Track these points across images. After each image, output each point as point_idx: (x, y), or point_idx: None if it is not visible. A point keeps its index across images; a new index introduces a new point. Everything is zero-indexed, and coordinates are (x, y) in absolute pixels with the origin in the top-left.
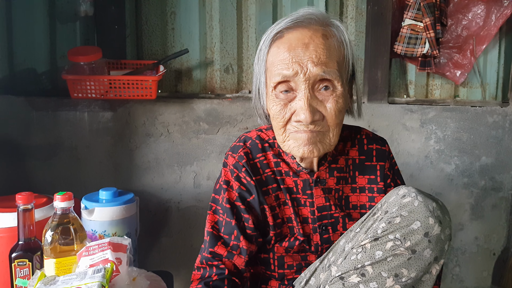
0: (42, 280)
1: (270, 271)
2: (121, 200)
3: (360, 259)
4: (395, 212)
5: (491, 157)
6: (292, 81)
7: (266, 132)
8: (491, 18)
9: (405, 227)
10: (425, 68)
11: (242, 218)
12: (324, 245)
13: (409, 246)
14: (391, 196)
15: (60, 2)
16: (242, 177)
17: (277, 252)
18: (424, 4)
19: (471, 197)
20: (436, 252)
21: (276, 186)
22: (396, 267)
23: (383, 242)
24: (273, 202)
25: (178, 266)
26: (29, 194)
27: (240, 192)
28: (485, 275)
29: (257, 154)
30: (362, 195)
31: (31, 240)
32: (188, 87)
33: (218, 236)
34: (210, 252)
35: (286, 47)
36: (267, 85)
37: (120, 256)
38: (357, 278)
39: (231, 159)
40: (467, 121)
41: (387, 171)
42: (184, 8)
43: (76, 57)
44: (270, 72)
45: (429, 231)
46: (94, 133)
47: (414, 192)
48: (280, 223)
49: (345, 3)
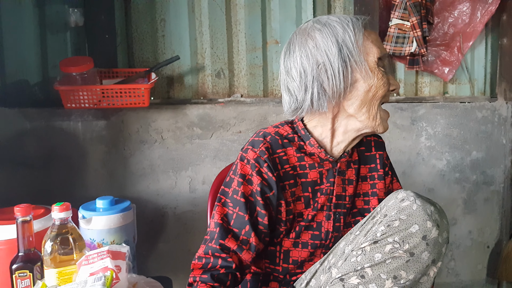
0: None
1: (274, 265)
2: (118, 208)
3: (360, 261)
4: (394, 216)
5: (482, 152)
6: (384, 58)
7: (283, 128)
8: (477, 15)
9: (403, 230)
10: (414, 67)
11: (256, 213)
12: (334, 233)
13: (408, 249)
14: (390, 199)
15: (50, 12)
16: (264, 172)
17: (284, 246)
18: (410, 4)
19: (463, 192)
20: (434, 255)
21: (293, 182)
22: (395, 269)
23: (382, 245)
24: (289, 197)
25: (176, 270)
26: (27, 206)
27: (262, 187)
28: (480, 268)
29: (277, 150)
30: (364, 183)
31: (30, 251)
32: (180, 93)
33: (228, 228)
34: (220, 244)
35: (374, 35)
36: (368, 62)
37: (120, 264)
38: (356, 279)
39: (252, 153)
40: (457, 117)
41: (385, 160)
42: (173, 15)
43: (68, 67)
44: (370, 50)
45: (427, 234)
46: (88, 142)
47: (413, 196)
48: (292, 219)
49: (332, 5)
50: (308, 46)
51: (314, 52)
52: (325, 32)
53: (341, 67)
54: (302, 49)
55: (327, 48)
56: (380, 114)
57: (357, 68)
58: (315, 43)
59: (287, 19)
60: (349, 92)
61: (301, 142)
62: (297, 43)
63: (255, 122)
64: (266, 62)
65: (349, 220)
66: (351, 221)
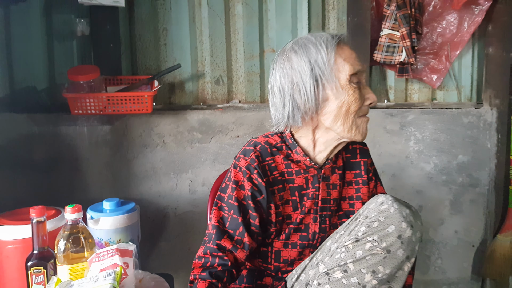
0: (59, 285)
1: (267, 263)
2: (124, 210)
3: (343, 258)
4: (373, 217)
5: (468, 156)
6: (359, 74)
7: (272, 138)
8: (464, 25)
9: (381, 230)
10: (403, 74)
11: (249, 215)
12: (320, 234)
13: (385, 247)
14: (371, 203)
15: (57, 22)
16: (254, 178)
17: (275, 247)
18: (400, 15)
19: (450, 193)
20: (408, 252)
21: (281, 187)
22: (374, 264)
23: (363, 243)
24: (278, 201)
25: (177, 268)
26: (41, 208)
27: (252, 192)
28: (466, 266)
29: (266, 158)
30: (349, 187)
31: (44, 249)
32: (181, 99)
33: (224, 230)
34: (216, 244)
35: (348, 51)
36: (339, 79)
37: (127, 261)
38: (340, 273)
39: (243, 161)
40: (444, 122)
41: (369, 167)
42: (175, 24)
43: (76, 76)
44: (342, 68)
45: (402, 234)
46: (93, 146)
47: (391, 200)
48: (281, 220)
49: (326, 15)
50: (286, 67)
51: (290, 72)
52: (300, 53)
53: (313, 86)
54: (281, 69)
55: (301, 69)
56: (357, 124)
57: (328, 85)
58: (291, 64)
59: (283, 29)
60: (323, 108)
61: (289, 150)
62: (277, 63)
63: (253, 127)
64: (263, 69)
65: (335, 221)
66: (337, 223)
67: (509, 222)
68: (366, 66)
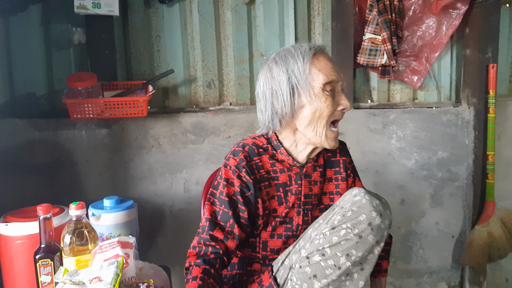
0: (67, 273)
1: (255, 253)
2: (123, 207)
3: (321, 243)
4: (348, 208)
5: (447, 152)
6: (334, 83)
7: (259, 139)
8: (442, 28)
9: (354, 219)
10: (385, 76)
11: (238, 209)
12: (303, 225)
13: (357, 233)
14: (346, 195)
15: (55, 31)
16: (243, 176)
17: (262, 238)
18: (381, 20)
19: (431, 188)
20: (378, 237)
21: (267, 184)
22: (348, 248)
23: (338, 230)
24: (264, 196)
25: (174, 262)
26: (48, 205)
27: (241, 188)
28: (446, 255)
29: (254, 157)
30: (330, 183)
31: (51, 243)
32: (175, 102)
33: (216, 222)
34: (209, 234)
35: (324, 62)
36: (313, 88)
37: (128, 252)
38: (319, 257)
39: (233, 161)
40: (425, 121)
41: (348, 164)
42: (167, 32)
43: (75, 83)
44: (316, 77)
45: (372, 222)
46: (92, 149)
47: (363, 193)
48: (268, 214)
49: (312, 21)
50: (267, 76)
51: (270, 81)
52: (280, 64)
53: (289, 93)
54: (264, 77)
55: (279, 78)
56: (327, 133)
57: (303, 93)
58: (271, 74)
59: (271, 34)
60: (299, 113)
61: (274, 151)
62: (261, 73)
63: (243, 128)
64: (252, 73)
65: (317, 214)
66: (318, 215)
67: (486, 214)
68: (342, 75)
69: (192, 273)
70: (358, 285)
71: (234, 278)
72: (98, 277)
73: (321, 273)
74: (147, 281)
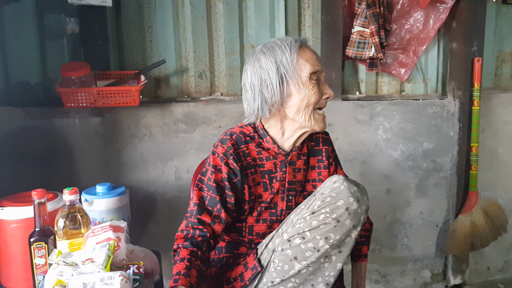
0: (61, 255)
1: (242, 237)
2: (115, 193)
3: (302, 227)
4: (327, 194)
5: (432, 143)
6: (318, 73)
7: (246, 128)
8: (430, 22)
9: (333, 204)
10: (373, 69)
11: (225, 195)
12: (287, 211)
13: (335, 217)
14: (327, 182)
15: (49, 21)
16: (230, 163)
17: (248, 222)
18: (370, 14)
19: (416, 178)
20: (354, 222)
21: (253, 171)
22: (326, 232)
23: (317, 215)
24: (251, 183)
25: (165, 248)
26: (42, 191)
27: (228, 175)
28: (430, 244)
29: (241, 145)
30: (313, 171)
31: (45, 227)
32: (167, 92)
33: (203, 207)
34: (197, 218)
35: (309, 53)
36: (301, 77)
37: (119, 235)
38: (299, 240)
39: (221, 148)
40: (411, 112)
41: (330, 153)
42: (160, 22)
43: (68, 72)
44: (303, 67)
45: (349, 207)
46: (85, 137)
47: (342, 179)
48: (253, 199)
49: (302, 13)
50: (255, 66)
51: (259, 70)
52: (268, 54)
53: (278, 82)
54: (252, 68)
55: (268, 68)
56: (315, 117)
57: (292, 82)
58: (260, 64)
59: (262, 26)
60: (287, 101)
61: (260, 139)
62: (249, 63)
63: (234, 118)
64: (243, 64)
65: (300, 200)
66: (302, 201)
67: (469, 204)
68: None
69: (179, 255)
70: (336, 267)
71: (222, 261)
72: (90, 258)
73: (301, 255)
74: (138, 263)
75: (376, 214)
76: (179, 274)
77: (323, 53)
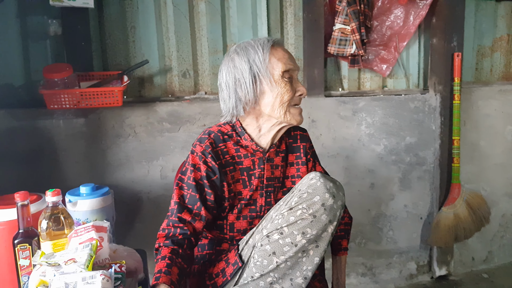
0: (44, 256)
1: (223, 234)
2: (99, 193)
3: (280, 223)
4: (304, 190)
5: (414, 137)
6: (291, 71)
7: (224, 127)
8: (410, 18)
9: (309, 200)
10: (355, 65)
11: (205, 193)
12: (266, 207)
13: (311, 213)
14: (304, 179)
15: (31, 23)
16: (209, 161)
17: (229, 220)
18: (350, 11)
19: (399, 172)
20: (330, 217)
21: (232, 168)
22: (303, 227)
23: (295, 211)
24: (230, 180)
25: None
26: (25, 193)
27: (207, 173)
28: (415, 236)
29: (219, 144)
30: (291, 168)
31: (29, 229)
32: (151, 91)
33: (184, 205)
34: (178, 216)
35: (281, 52)
36: (273, 75)
37: (102, 235)
38: (277, 235)
39: (199, 147)
40: (393, 108)
41: (308, 150)
42: (142, 22)
43: (51, 74)
44: (276, 66)
45: (325, 202)
46: (70, 138)
47: (319, 176)
48: (233, 196)
49: (284, 12)
50: (230, 66)
51: (233, 70)
52: (241, 54)
53: (251, 81)
54: (226, 68)
55: (241, 67)
56: (291, 111)
57: (264, 80)
58: (234, 64)
59: (244, 25)
60: (261, 99)
61: (238, 137)
62: (223, 64)
63: (218, 116)
64: None
65: (280, 196)
66: (281, 198)
67: (452, 196)
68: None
69: (161, 253)
70: (313, 261)
71: (205, 257)
72: (73, 258)
73: (280, 250)
74: (120, 262)
75: (360, 208)
76: (160, 272)
77: (306, 50)
